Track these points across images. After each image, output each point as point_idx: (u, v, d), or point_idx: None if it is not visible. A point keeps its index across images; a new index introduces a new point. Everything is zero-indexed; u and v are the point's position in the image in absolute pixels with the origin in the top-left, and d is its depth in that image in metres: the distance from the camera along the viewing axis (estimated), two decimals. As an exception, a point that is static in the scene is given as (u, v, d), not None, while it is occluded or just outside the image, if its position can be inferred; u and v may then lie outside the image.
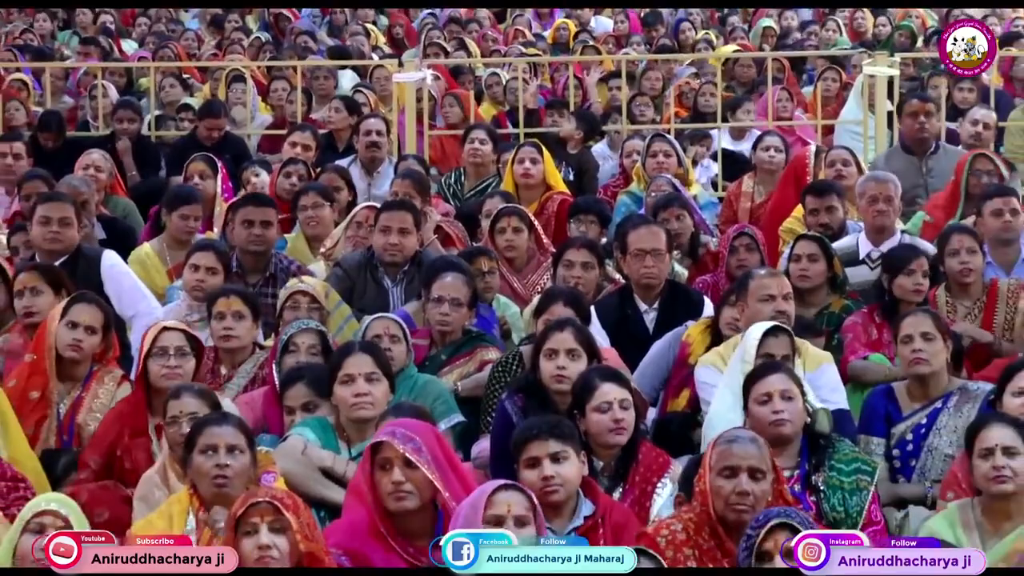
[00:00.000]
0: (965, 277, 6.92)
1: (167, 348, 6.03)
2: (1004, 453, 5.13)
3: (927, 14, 15.88)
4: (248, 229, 7.55)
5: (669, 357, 6.75)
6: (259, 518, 4.51)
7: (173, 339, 6.06)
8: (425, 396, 6.19)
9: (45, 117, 11.26)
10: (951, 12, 15.59)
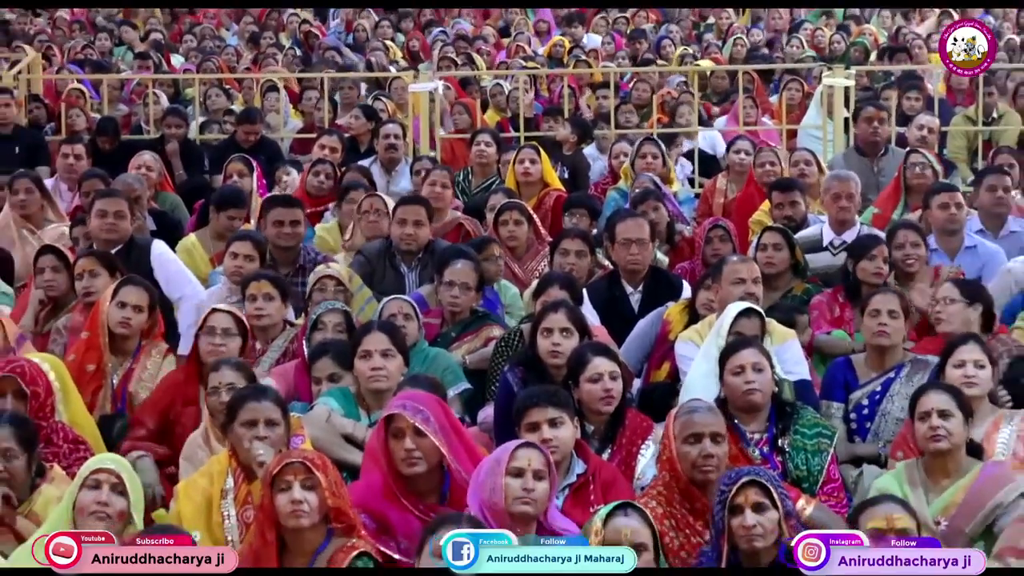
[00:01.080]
0: (910, 267, 6.91)
1: (215, 328, 6.04)
2: (939, 415, 5.11)
3: (879, 31, 15.84)
4: (278, 228, 7.52)
5: (652, 334, 6.76)
6: (292, 476, 4.47)
7: (222, 320, 6.08)
8: (436, 367, 6.17)
9: (103, 123, 11.25)
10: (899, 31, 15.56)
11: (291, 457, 4.55)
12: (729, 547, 4.47)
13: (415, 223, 7.48)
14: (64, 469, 5.20)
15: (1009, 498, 4.98)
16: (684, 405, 5.06)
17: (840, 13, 16.72)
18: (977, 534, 4.98)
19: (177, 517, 4.97)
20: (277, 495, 4.46)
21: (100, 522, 4.55)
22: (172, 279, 7.42)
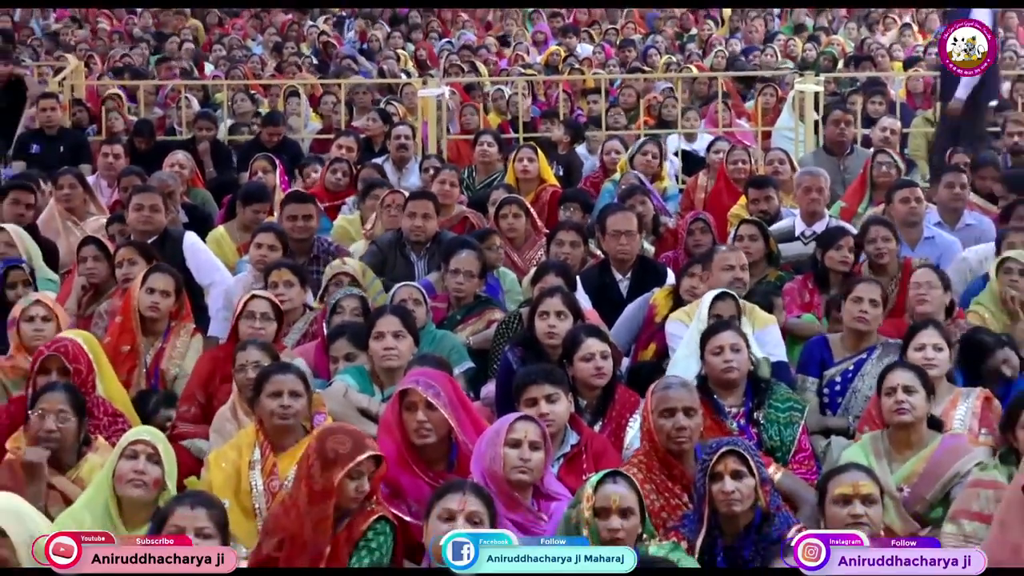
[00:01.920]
0: (881, 260, 6.88)
1: (255, 312, 6.05)
2: (904, 391, 5.10)
3: (846, 42, 15.83)
4: (292, 221, 7.50)
5: (639, 317, 6.74)
6: (365, 468, 4.44)
7: (260, 305, 6.08)
8: (442, 347, 6.16)
9: (139, 124, 11.26)
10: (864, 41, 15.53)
11: (371, 450, 4.48)
12: (710, 510, 4.46)
13: (423, 216, 7.46)
14: (104, 440, 5.20)
15: (965, 468, 4.98)
16: (660, 382, 5.05)
17: (811, 25, 16.71)
18: (937, 500, 4.99)
19: (208, 485, 4.97)
20: (348, 480, 4.40)
21: (137, 489, 4.55)
22: (202, 267, 7.44)
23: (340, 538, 4.43)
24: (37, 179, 8.75)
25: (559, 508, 4.57)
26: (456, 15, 17.76)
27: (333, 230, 8.49)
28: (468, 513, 4.09)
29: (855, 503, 4.29)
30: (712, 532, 4.47)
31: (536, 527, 4.54)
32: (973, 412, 5.48)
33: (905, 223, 7.53)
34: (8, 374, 5.93)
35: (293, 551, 4.44)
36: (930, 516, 4.98)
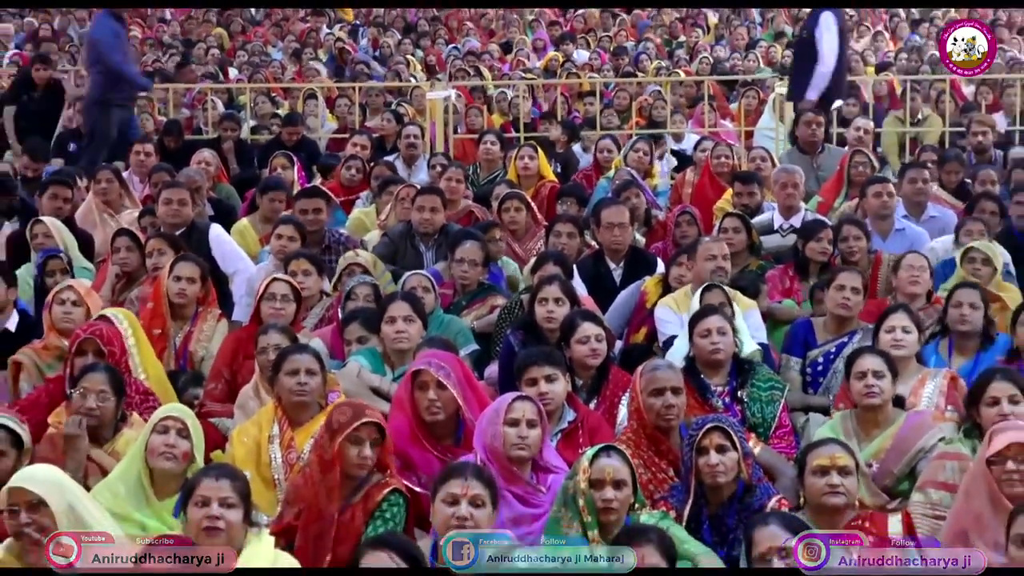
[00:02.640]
0: (852, 257, 6.84)
1: (275, 294, 6.05)
2: (873, 375, 5.09)
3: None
4: (304, 215, 7.51)
5: (631, 303, 6.74)
6: (366, 434, 4.44)
7: (280, 287, 6.09)
8: (450, 331, 6.16)
9: (168, 125, 11.26)
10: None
11: (370, 418, 4.49)
12: (696, 482, 4.47)
13: (431, 210, 7.46)
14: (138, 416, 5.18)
15: (929, 443, 4.97)
16: (648, 364, 5.04)
17: (790, 32, 16.67)
18: (904, 474, 4.99)
19: (231, 458, 4.96)
20: (350, 446, 4.41)
21: (168, 461, 4.54)
22: (227, 256, 7.43)
23: (356, 508, 4.42)
24: (74, 175, 8.77)
25: (556, 480, 4.56)
26: (462, 24, 17.75)
27: (349, 222, 8.50)
28: (471, 497, 4.06)
29: (832, 474, 4.28)
30: (698, 502, 4.47)
31: (535, 498, 4.53)
32: (940, 390, 5.46)
33: (877, 216, 7.56)
34: (42, 356, 5.92)
35: (309, 518, 4.44)
36: (897, 489, 4.96)
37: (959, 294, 5.94)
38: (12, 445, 4.55)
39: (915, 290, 6.34)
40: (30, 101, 11.09)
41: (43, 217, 7.57)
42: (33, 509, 4.03)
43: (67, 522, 4.05)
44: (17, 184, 9.07)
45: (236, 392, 5.71)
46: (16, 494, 4.04)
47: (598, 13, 17.80)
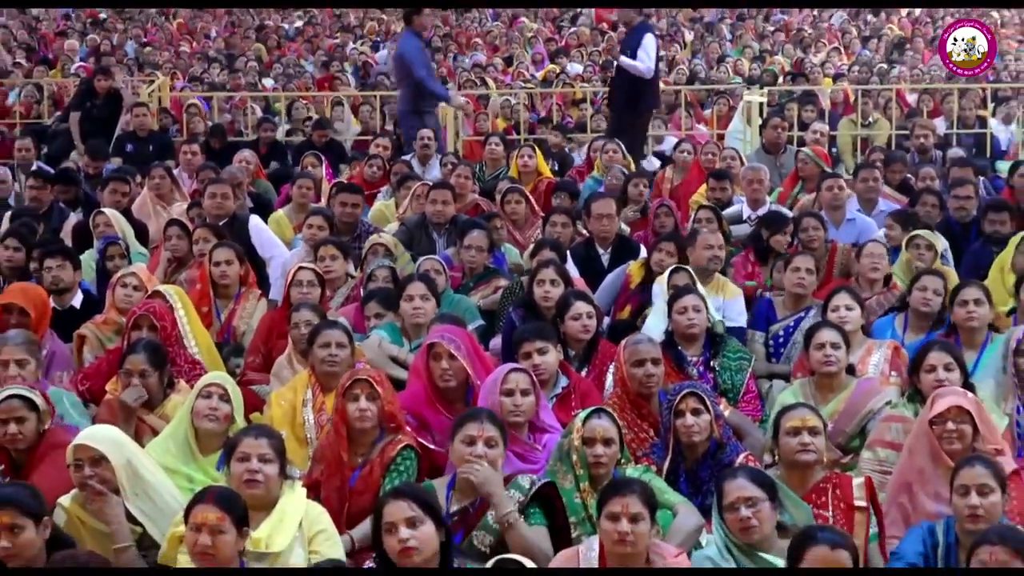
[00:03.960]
0: (812, 245, 6.79)
1: (302, 280, 6.02)
2: (831, 347, 5.06)
3: (784, 61, 15.73)
4: (343, 207, 7.53)
5: (618, 284, 6.71)
6: (360, 390, 4.44)
7: (306, 275, 6.06)
8: (459, 308, 6.13)
9: (213, 127, 11.27)
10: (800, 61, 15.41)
11: (359, 375, 4.51)
12: (674, 441, 4.46)
13: (443, 203, 7.43)
14: (187, 383, 5.16)
15: (877, 406, 4.96)
16: (630, 338, 5.02)
17: (757, 48, 16.61)
18: (855, 433, 4.97)
19: (268, 420, 4.95)
20: (348, 403, 4.42)
21: (211, 423, 4.52)
22: (264, 244, 7.43)
23: (374, 463, 4.42)
24: (131, 172, 8.76)
25: (551, 439, 4.56)
26: (470, 39, 17.68)
27: (372, 213, 8.47)
28: (486, 438, 4.07)
29: (803, 433, 4.24)
30: (676, 458, 4.46)
31: (532, 455, 4.52)
32: (885, 359, 5.46)
33: (830, 207, 7.59)
34: (103, 330, 5.91)
35: (330, 472, 4.44)
36: (849, 446, 4.95)
37: (926, 280, 5.85)
38: (30, 409, 4.47)
39: (875, 276, 6.33)
40: (92, 108, 11.08)
41: (104, 209, 7.57)
42: (95, 463, 4.03)
43: (125, 475, 4.05)
44: (81, 178, 9.06)
45: (271, 363, 5.70)
46: (80, 450, 4.04)
47: (589, 31, 17.76)
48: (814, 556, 3.31)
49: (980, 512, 3.75)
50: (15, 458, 4.45)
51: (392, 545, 3.49)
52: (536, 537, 3.93)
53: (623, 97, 10.00)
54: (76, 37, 17.08)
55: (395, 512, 3.51)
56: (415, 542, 3.48)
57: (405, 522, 3.48)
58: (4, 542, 3.57)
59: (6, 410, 4.40)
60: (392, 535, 3.49)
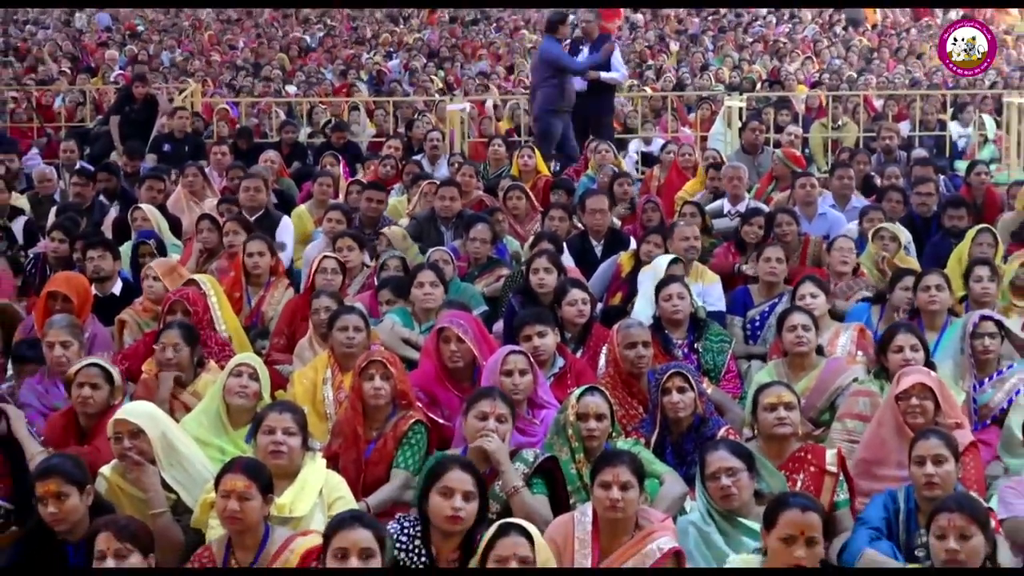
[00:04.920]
0: (785, 239, 6.75)
1: (327, 268, 6.00)
2: (803, 329, 5.06)
3: (762, 69, 15.68)
4: (368, 203, 7.51)
5: (609, 273, 6.69)
6: (375, 370, 4.42)
7: (330, 263, 6.05)
8: (464, 295, 6.12)
9: (240, 130, 11.23)
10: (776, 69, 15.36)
11: (374, 356, 4.49)
12: (661, 416, 4.45)
13: (451, 199, 7.42)
14: (216, 362, 5.15)
15: (845, 382, 4.96)
16: (623, 322, 5.02)
17: (736, 58, 16.55)
18: (825, 407, 4.97)
19: (292, 396, 4.94)
20: (364, 382, 4.41)
21: (241, 399, 4.51)
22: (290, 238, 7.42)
23: (388, 437, 4.41)
24: (166, 171, 8.75)
25: (548, 414, 4.55)
26: (476, 50, 17.62)
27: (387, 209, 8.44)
28: (497, 414, 4.05)
29: (780, 409, 4.24)
30: (663, 432, 4.46)
31: (530, 429, 4.51)
32: (852, 340, 5.45)
33: (803, 203, 7.56)
34: (141, 315, 5.91)
35: (347, 444, 4.43)
36: (820, 419, 4.94)
37: (907, 280, 5.69)
38: (105, 380, 4.51)
39: (844, 268, 6.32)
40: (131, 112, 11.05)
41: (142, 205, 7.55)
42: (133, 436, 4.03)
43: (160, 447, 4.04)
44: (120, 173, 9.06)
45: (294, 344, 5.69)
46: (120, 424, 4.04)
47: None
48: (787, 519, 3.31)
49: (936, 480, 3.74)
50: (83, 424, 4.49)
51: (443, 508, 3.47)
52: (537, 504, 3.92)
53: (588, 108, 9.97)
54: (116, 48, 17.06)
55: (458, 482, 3.49)
56: (465, 514, 3.48)
57: (464, 494, 3.48)
58: (52, 508, 3.58)
59: (85, 375, 4.46)
60: (447, 500, 3.47)
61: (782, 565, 3.29)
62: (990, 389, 5.05)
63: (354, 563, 3.09)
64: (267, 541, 3.55)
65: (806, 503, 3.38)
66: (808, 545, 3.27)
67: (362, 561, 3.10)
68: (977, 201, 8.07)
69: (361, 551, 3.11)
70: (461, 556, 3.52)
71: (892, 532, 3.80)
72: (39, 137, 12.30)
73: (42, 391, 5.03)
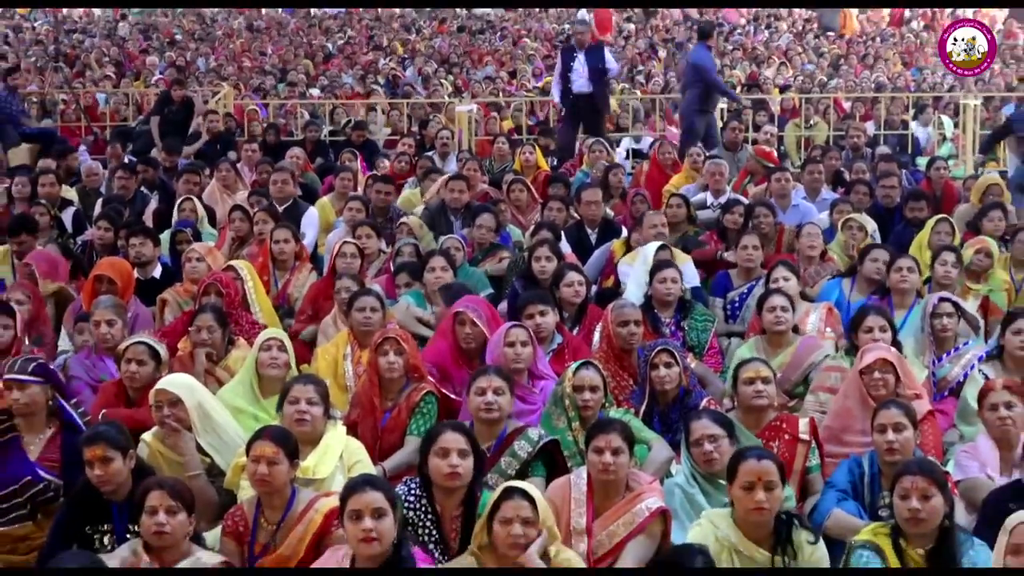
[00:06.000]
0: (762, 229, 6.72)
1: (346, 253, 5.98)
2: (781, 310, 5.04)
3: (741, 74, 15.58)
4: (378, 195, 7.47)
5: (603, 258, 6.69)
6: (389, 346, 4.41)
7: (349, 248, 6.03)
8: (473, 279, 6.10)
9: (269, 125, 11.17)
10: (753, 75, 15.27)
11: (389, 334, 4.47)
12: (649, 388, 4.44)
13: (459, 191, 7.38)
14: (246, 340, 5.13)
15: (818, 359, 4.95)
16: (616, 302, 5.00)
17: (718, 63, 16.44)
18: (800, 381, 4.95)
19: (315, 370, 4.94)
20: (379, 357, 4.39)
21: (273, 370, 4.49)
22: (305, 227, 7.37)
23: (401, 407, 4.41)
24: (202, 166, 8.72)
25: (547, 385, 4.54)
26: (482, 57, 17.53)
27: (401, 200, 8.39)
28: (494, 387, 4.03)
29: (757, 383, 4.22)
30: (651, 403, 4.45)
31: (530, 397, 4.51)
32: (821, 319, 5.44)
33: (778, 195, 7.54)
34: (180, 295, 5.89)
35: (364, 414, 4.42)
36: (795, 392, 4.93)
37: (876, 252, 5.79)
38: (151, 357, 4.50)
39: (812, 253, 6.32)
40: (169, 113, 11.00)
41: (192, 197, 7.56)
42: (172, 405, 4.02)
43: (196, 415, 4.03)
44: (159, 166, 9.02)
45: (316, 322, 5.67)
46: (160, 394, 4.03)
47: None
48: (744, 468, 3.30)
49: (896, 446, 3.73)
50: (131, 395, 4.49)
51: (441, 467, 3.46)
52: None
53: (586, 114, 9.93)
54: (156, 54, 16.99)
55: (452, 441, 3.48)
56: (462, 469, 3.47)
57: (458, 452, 3.47)
58: (98, 470, 3.57)
59: (132, 352, 4.47)
60: (444, 459, 3.46)
61: (744, 510, 3.29)
62: (948, 364, 5.05)
63: (368, 524, 3.07)
64: (294, 501, 3.55)
65: (760, 453, 3.38)
66: (766, 489, 3.27)
67: (375, 520, 3.08)
68: (936, 194, 8.03)
69: (373, 511, 3.08)
70: (464, 512, 3.51)
71: (858, 494, 3.79)
72: (87, 135, 12.27)
73: (89, 365, 5.04)
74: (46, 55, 16.71)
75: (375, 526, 3.06)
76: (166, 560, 3.28)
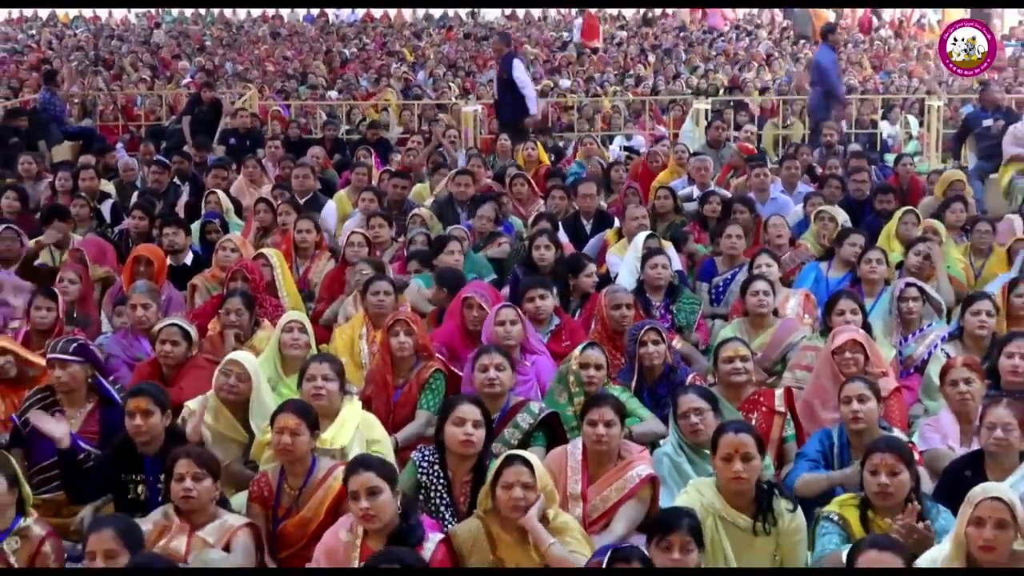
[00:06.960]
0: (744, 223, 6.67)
1: (354, 241, 5.98)
2: (763, 294, 5.03)
3: (723, 77, 15.49)
4: (394, 189, 7.46)
5: (598, 247, 6.66)
6: (400, 327, 4.38)
7: (358, 238, 6.02)
8: (477, 265, 6.07)
9: (290, 121, 11.10)
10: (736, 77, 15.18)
11: (400, 316, 4.46)
12: (638, 365, 4.41)
13: (465, 185, 7.36)
14: (270, 322, 5.11)
15: (796, 339, 4.92)
16: (609, 288, 4.98)
17: (703, 68, 16.37)
18: (779, 360, 4.93)
19: (333, 349, 4.92)
20: (391, 337, 4.38)
21: (295, 350, 4.48)
22: (324, 218, 7.34)
23: (412, 383, 4.39)
24: (230, 162, 8.69)
25: (539, 360, 4.55)
26: (487, 61, 17.45)
27: (412, 193, 8.35)
28: (496, 364, 4.01)
29: (736, 361, 4.21)
30: (640, 380, 4.42)
31: (523, 370, 4.49)
32: (800, 303, 5.42)
33: (758, 189, 7.50)
34: (209, 280, 5.88)
35: (377, 390, 4.41)
36: (774, 370, 4.91)
37: (854, 236, 5.82)
38: (183, 338, 4.49)
39: (780, 242, 6.32)
40: (199, 113, 10.97)
41: (217, 191, 7.53)
42: (240, 379, 4.00)
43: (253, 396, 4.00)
44: (192, 160, 8.99)
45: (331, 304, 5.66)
46: (234, 364, 4.02)
47: (576, 54, 17.50)
48: (724, 441, 3.28)
49: (860, 415, 3.72)
50: (165, 373, 4.47)
51: (457, 434, 3.47)
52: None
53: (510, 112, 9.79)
54: (187, 59, 16.92)
55: (469, 412, 3.49)
56: (475, 438, 3.47)
57: (473, 422, 3.47)
58: (138, 420, 3.63)
59: (166, 333, 4.46)
60: (460, 427, 3.47)
61: (725, 480, 3.28)
62: (913, 344, 5.04)
63: (363, 503, 3.06)
64: (314, 469, 3.54)
65: (739, 426, 3.36)
66: (744, 460, 3.25)
67: (370, 499, 3.06)
68: (903, 187, 8.00)
69: (368, 490, 3.07)
70: (474, 478, 3.50)
71: (828, 462, 3.78)
72: (123, 134, 12.26)
73: (126, 344, 5.03)
74: (86, 60, 16.65)
75: (371, 504, 3.05)
76: (195, 522, 3.29)
